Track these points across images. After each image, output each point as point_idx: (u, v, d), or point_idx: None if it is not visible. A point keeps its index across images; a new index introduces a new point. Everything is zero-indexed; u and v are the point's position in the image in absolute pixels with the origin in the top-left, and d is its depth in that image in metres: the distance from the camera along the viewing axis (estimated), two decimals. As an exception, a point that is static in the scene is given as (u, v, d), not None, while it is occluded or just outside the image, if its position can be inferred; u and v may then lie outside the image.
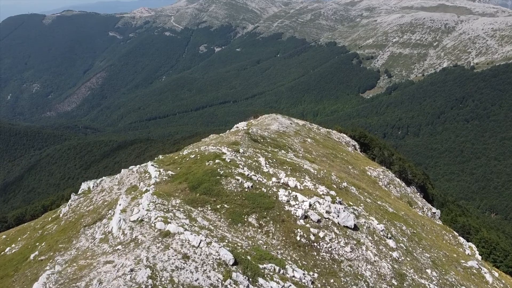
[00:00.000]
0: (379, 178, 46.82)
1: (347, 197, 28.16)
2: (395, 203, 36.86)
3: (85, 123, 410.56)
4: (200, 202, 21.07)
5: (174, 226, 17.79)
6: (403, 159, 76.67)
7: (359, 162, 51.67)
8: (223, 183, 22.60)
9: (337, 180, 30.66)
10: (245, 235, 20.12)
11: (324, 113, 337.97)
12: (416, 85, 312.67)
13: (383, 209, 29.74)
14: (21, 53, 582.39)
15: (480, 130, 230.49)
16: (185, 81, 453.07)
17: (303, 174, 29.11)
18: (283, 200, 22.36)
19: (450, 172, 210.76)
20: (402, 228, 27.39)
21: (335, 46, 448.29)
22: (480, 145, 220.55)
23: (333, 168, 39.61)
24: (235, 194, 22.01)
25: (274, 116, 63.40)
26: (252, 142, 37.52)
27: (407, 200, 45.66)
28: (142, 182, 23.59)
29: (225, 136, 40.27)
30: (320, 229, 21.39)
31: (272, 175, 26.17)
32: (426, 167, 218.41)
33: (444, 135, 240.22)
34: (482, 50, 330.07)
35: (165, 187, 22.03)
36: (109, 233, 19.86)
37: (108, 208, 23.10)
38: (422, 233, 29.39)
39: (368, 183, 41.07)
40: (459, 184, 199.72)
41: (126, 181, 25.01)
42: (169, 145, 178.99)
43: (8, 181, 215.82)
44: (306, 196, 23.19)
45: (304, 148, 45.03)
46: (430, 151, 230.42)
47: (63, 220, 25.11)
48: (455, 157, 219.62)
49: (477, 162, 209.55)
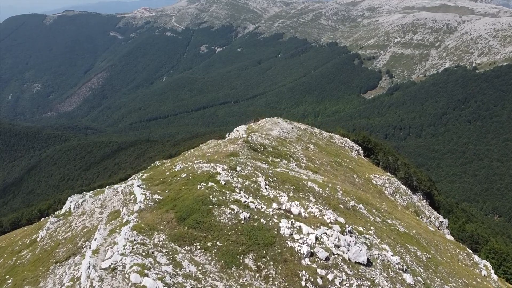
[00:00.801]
0: (385, 186, 45.26)
1: (356, 219, 26.05)
2: (404, 216, 35.30)
3: (86, 123, 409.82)
4: (188, 238, 17.99)
5: (151, 281, 15.00)
6: (408, 164, 75.04)
7: (363, 169, 50.11)
8: (216, 213, 19.40)
9: (344, 199, 28.54)
10: (240, 282, 17.13)
11: (325, 114, 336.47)
12: (418, 86, 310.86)
13: (394, 230, 27.90)
14: (22, 53, 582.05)
15: (482, 131, 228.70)
16: (186, 82, 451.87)
17: (307, 194, 26.83)
18: (285, 234, 19.33)
19: (453, 173, 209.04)
20: (416, 254, 25.46)
21: (336, 46, 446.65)
22: (482, 147, 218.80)
23: (338, 179, 37.95)
24: (229, 227, 18.80)
25: (275, 120, 61.55)
26: (252, 152, 35.57)
27: (414, 210, 44.23)
28: (126, 207, 20.86)
29: (223, 145, 38.31)
30: (328, 269, 18.54)
31: (272, 200, 22.97)
32: (428, 169, 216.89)
33: (446, 136, 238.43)
34: (484, 50, 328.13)
35: (149, 217, 19.15)
36: (77, 281, 17.35)
37: (85, 239, 20.78)
38: (437, 255, 27.78)
39: (374, 194, 39.49)
40: (461, 186, 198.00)
41: (110, 203, 22.60)
42: (169, 146, 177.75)
43: (8, 182, 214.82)
44: (311, 226, 20.09)
45: (306, 157, 43.42)
46: (432, 152, 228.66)
47: (38, 247, 22.94)
48: (457, 158, 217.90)
49: (480, 164, 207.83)
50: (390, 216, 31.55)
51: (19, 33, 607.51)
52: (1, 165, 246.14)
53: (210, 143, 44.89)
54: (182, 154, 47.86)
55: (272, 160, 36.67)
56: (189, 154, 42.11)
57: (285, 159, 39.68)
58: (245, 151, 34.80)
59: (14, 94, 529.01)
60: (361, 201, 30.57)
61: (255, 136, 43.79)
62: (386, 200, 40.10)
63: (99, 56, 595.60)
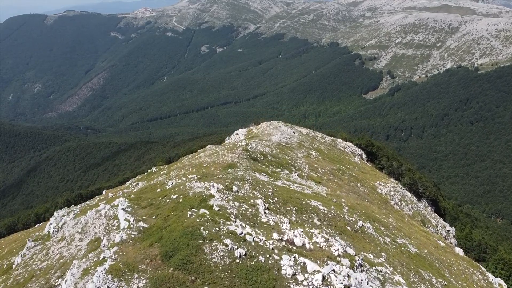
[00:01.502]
0: (390, 195, 43.94)
1: (365, 244, 24.32)
2: (412, 230, 33.91)
3: (86, 123, 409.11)
4: (173, 283, 15.04)
5: None
6: (412, 169, 73.65)
7: (367, 176, 48.76)
8: (207, 250, 16.59)
9: (351, 219, 26.72)
10: None
11: (326, 115, 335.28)
12: (420, 86, 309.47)
13: (405, 252, 26.33)
14: (22, 53, 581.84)
15: (484, 132, 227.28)
16: (187, 82, 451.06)
17: (311, 216, 24.86)
18: (287, 274, 16.42)
19: (455, 175, 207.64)
20: (432, 282, 23.73)
21: (337, 46, 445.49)
22: (485, 148, 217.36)
23: (342, 189, 36.56)
24: (222, 268, 15.91)
25: (276, 125, 60.07)
26: (251, 162, 33.99)
27: (420, 219, 43.02)
28: (107, 235, 18.62)
29: (221, 154, 36.88)
30: (338, 318, 15.55)
31: (272, 228, 20.34)
32: (430, 170, 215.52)
33: (448, 137, 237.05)
34: (486, 51, 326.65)
35: (130, 252, 16.59)
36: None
37: (60, 273, 18.70)
38: (451, 278, 26.37)
39: (380, 204, 38.17)
40: (463, 188, 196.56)
41: (91, 228, 20.56)
42: (169, 147, 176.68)
43: (8, 183, 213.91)
44: (317, 261, 17.36)
45: (309, 165, 42.06)
46: (434, 153, 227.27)
47: (11, 278, 21.04)
48: (459, 159, 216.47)
49: (482, 165, 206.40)
50: (399, 233, 30.10)
51: (19, 33, 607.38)
52: (1, 166, 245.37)
53: (208, 149, 43.51)
54: (180, 160, 46.44)
55: (273, 170, 35.17)
56: (186, 161, 40.74)
57: (287, 168, 38.27)
58: (244, 162, 33.37)
59: (14, 94, 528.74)
60: (368, 218, 29.00)
61: (254, 143, 42.49)
62: (392, 211, 38.73)
63: (100, 56, 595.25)
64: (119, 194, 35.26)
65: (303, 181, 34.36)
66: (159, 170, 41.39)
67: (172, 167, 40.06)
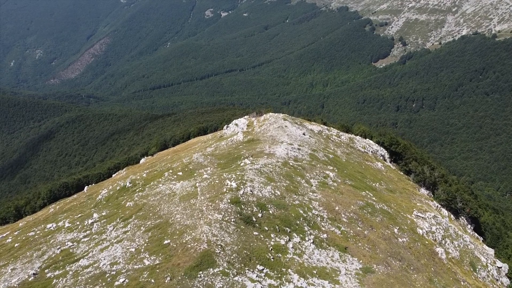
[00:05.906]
0: (433, 234, 35.52)
1: None
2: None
3: (89, 91, 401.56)
4: None
5: None
6: (445, 175, 64.72)
7: (399, 200, 39.93)
8: None
9: None
10: None
11: (334, 83, 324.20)
12: (433, 54, 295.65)
13: None
14: (23, 18, 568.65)
15: (501, 104, 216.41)
16: (190, 48, 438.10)
17: None
18: None
19: (468, 149, 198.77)
20: None
21: (347, 11, 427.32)
22: (500, 121, 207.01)
23: (378, 256, 28.14)
24: None
25: (282, 123, 50.92)
26: (242, 231, 25.06)
27: (469, 261, 35.41)
28: None
29: (199, 206, 27.99)
30: None
31: None
32: (442, 144, 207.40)
33: (461, 109, 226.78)
34: (505, 16, 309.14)
35: None
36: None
37: None
38: None
39: (428, 266, 28.94)
40: (477, 163, 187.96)
41: None
42: (169, 122, 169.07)
43: (7, 155, 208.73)
44: None
45: (327, 209, 32.81)
46: (447, 126, 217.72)
47: None
48: (473, 133, 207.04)
49: (497, 140, 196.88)
50: None
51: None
52: (0, 137, 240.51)
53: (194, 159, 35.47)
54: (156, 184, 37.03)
55: (276, 243, 25.76)
56: (160, 189, 32.30)
57: (297, 230, 28.47)
58: (229, 236, 24.37)
59: (16, 61, 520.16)
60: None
61: (249, 188, 31.92)
62: (442, 270, 29.99)
63: (102, 20, 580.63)
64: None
65: (323, 257, 25.97)
66: (134, 186, 33.82)
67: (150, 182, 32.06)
